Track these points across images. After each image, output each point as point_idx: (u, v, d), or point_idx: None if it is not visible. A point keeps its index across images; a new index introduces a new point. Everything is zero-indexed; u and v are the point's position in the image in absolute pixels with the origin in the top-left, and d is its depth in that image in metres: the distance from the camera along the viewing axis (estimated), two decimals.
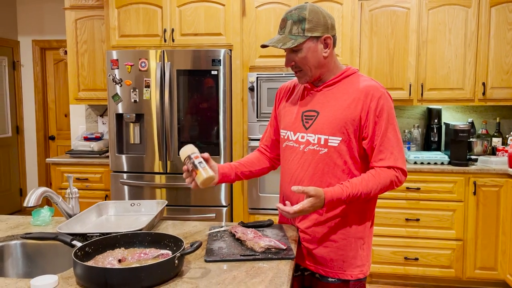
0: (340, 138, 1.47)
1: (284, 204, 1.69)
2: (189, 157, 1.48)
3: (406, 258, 3.28)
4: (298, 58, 1.49)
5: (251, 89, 3.33)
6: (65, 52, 4.34)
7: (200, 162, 1.47)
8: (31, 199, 1.54)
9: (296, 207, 1.38)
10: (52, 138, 5.48)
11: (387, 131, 1.45)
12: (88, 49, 3.80)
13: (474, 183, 3.17)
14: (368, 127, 1.46)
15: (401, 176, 1.47)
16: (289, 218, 1.61)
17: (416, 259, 3.26)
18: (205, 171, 1.45)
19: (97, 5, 3.75)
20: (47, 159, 3.82)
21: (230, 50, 3.35)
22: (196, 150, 1.51)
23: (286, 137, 1.62)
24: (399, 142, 1.48)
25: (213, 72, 3.26)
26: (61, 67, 5.39)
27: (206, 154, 1.51)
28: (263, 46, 1.54)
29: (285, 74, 3.30)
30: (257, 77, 3.32)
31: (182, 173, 3.55)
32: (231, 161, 3.38)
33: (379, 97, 1.46)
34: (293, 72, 1.55)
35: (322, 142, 1.49)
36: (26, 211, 5.42)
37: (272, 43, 1.48)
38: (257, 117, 3.35)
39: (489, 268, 3.22)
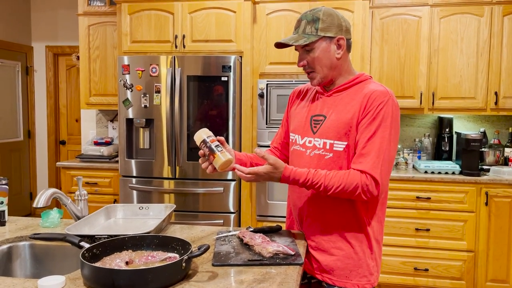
0: (346, 143, 1.45)
1: (291, 213, 1.68)
2: (204, 141, 1.46)
3: (416, 269, 3.23)
4: (310, 58, 1.49)
5: (261, 95, 3.33)
6: (78, 58, 4.39)
7: (217, 146, 1.46)
8: (40, 200, 1.55)
9: (251, 169, 1.40)
10: (63, 142, 5.53)
11: (375, 136, 1.40)
12: (100, 54, 3.85)
13: (486, 193, 3.12)
14: (360, 128, 1.43)
15: (372, 186, 1.37)
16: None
17: (426, 270, 3.21)
18: (223, 155, 1.44)
19: (110, 12, 3.80)
20: (57, 163, 3.85)
21: (241, 56, 3.36)
22: (211, 133, 1.49)
23: (293, 141, 1.61)
24: (386, 152, 1.39)
25: (223, 79, 3.27)
26: (73, 73, 5.45)
27: (221, 138, 1.51)
28: (277, 45, 1.53)
29: (295, 81, 3.30)
30: (267, 84, 3.32)
31: (191, 179, 3.57)
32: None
33: (380, 102, 1.42)
34: (306, 73, 1.55)
35: (327, 147, 1.48)
36: (36, 215, 5.46)
37: (285, 41, 1.49)
38: (266, 124, 3.35)
39: (501, 280, 3.15)
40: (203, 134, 1.48)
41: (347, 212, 1.49)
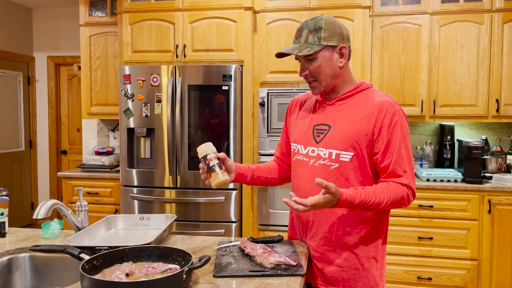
0: (352, 153, 1.44)
1: (293, 223, 1.66)
2: (204, 157, 1.50)
3: (419, 278, 3.20)
4: (313, 67, 1.48)
5: (262, 104, 3.33)
6: (79, 68, 4.41)
7: (213, 165, 1.48)
8: (41, 211, 1.54)
9: (313, 200, 1.30)
10: (64, 152, 5.53)
11: (401, 149, 1.42)
12: (101, 64, 3.86)
13: (489, 201, 3.10)
14: (379, 142, 1.43)
15: (411, 196, 1.44)
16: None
17: (430, 279, 3.19)
18: (217, 176, 1.47)
19: (111, 22, 3.82)
20: (58, 173, 3.84)
21: (241, 65, 3.37)
22: (212, 150, 1.52)
23: (296, 151, 1.60)
24: (411, 161, 1.45)
25: (224, 88, 3.27)
26: (74, 83, 5.47)
27: (222, 154, 1.52)
28: (279, 55, 1.52)
29: (295, 89, 3.31)
30: (267, 93, 3.32)
31: (192, 188, 3.55)
32: None
33: (393, 113, 1.43)
34: (307, 83, 1.53)
35: (333, 157, 1.47)
36: (37, 225, 5.44)
37: (288, 51, 1.47)
38: (267, 132, 3.35)
39: None
40: (204, 150, 1.51)
41: (352, 223, 1.48)
